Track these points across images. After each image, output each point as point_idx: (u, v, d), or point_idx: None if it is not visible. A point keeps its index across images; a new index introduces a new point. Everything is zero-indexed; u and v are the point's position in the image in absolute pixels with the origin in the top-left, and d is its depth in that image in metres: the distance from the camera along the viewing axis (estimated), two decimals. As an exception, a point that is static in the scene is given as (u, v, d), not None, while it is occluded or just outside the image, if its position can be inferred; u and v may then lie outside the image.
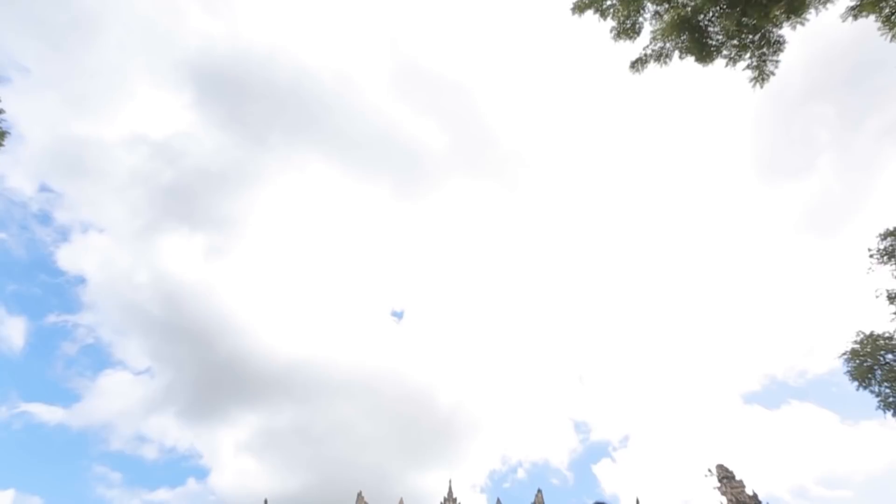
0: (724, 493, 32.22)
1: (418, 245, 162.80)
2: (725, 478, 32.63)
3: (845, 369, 16.73)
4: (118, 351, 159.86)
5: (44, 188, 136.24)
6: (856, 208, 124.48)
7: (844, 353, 16.95)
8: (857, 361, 16.40)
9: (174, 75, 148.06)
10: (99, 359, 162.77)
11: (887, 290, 14.93)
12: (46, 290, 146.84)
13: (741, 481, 32.51)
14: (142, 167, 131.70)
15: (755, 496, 31.43)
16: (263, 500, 39.80)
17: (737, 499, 31.00)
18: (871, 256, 15.12)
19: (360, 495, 44.23)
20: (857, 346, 16.45)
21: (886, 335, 15.52)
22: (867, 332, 15.78)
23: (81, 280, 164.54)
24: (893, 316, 14.76)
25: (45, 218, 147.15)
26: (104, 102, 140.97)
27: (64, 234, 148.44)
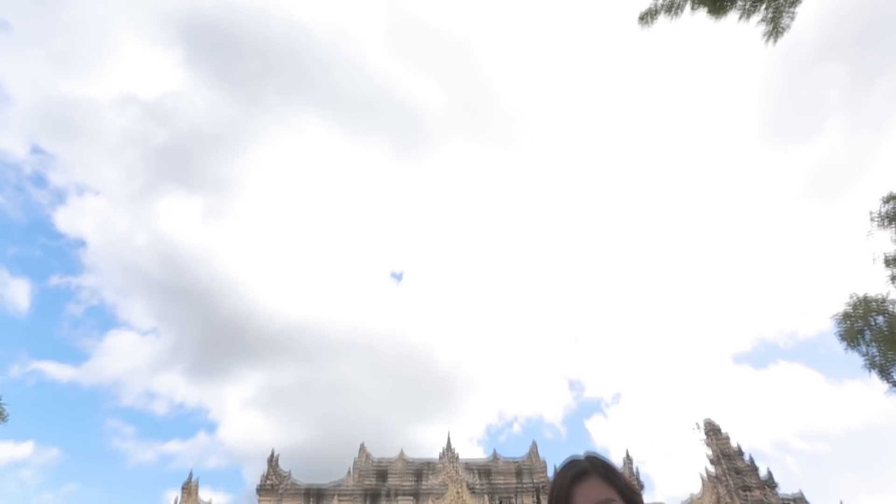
0: (709, 446, 33.84)
1: (417, 207, 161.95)
2: (712, 431, 34.15)
3: (836, 331, 16.99)
4: (123, 312, 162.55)
5: (36, 150, 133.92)
6: (861, 172, 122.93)
7: (836, 315, 17.16)
8: (849, 323, 16.65)
9: (162, 30, 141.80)
10: (104, 319, 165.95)
11: (885, 254, 14.98)
12: (47, 252, 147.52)
13: (727, 435, 34.06)
14: (133, 128, 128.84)
15: (739, 448, 33.04)
16: (271, 450, 41.65)
17: (721, 451, 32.59)
18: (872, 220, 15.07)
19: (362, 447, 46.28)
20: (850, 308, 16.65)
21: (879, 298, 15.69)
22: (860, 295, 15.94)
23: (81, 243, 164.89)
24: (889, 279, 14.90)
25: (39, 180, 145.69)
26: (90, 60, 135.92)
27: (60, 197, 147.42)
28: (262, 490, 38.18)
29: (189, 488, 33.71)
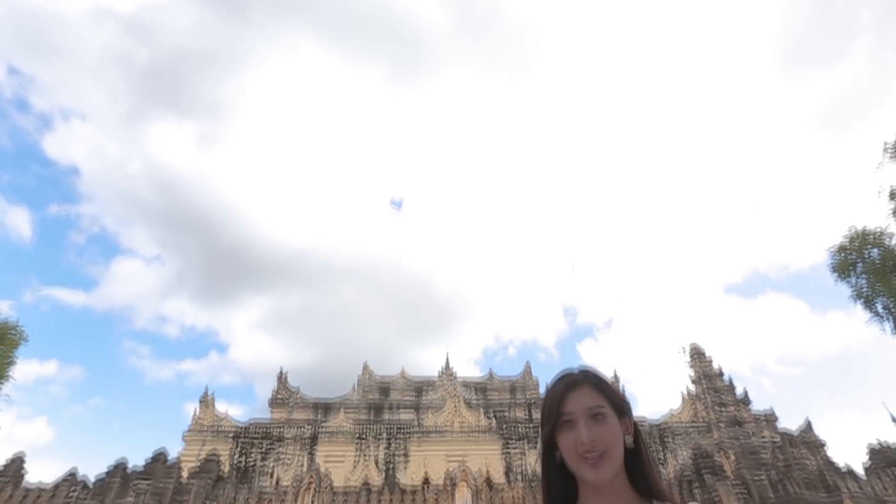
0: (692, 368, 35.92)
1: (417, 134, 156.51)
2: (697, 355, 36.06)
3: (829, 263, 17.14)
4: (125, 240, 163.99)
5: (12, 71, 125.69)
6: (879, 102, 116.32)
7: (832, 248, 17.21)
8: (843, 256, 16.76)
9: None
10: (108, 247, 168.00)
11: (891, 187, 14.68)
12: (41, 180, 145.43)
13: (710, 358, 36.00)
14: (113, 46, 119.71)
15: (720, 370, 35.10)
16: (280, 368, 44.18)
17: (703, 372, 34.66)
18: (885, 151, 14.58)
19: (365, 365, 49.05)
20: (847, 240, 16.66)
21: (877, 231, 15.63)
22: (859, 229, 15.87)
23: (74, 171, 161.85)
24: (891, 212, 14.73)
25: (21, 104, 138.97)
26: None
27: (46, 122, 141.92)
28: (273, 403, 41.15)
29: (206, 401, 36.25)
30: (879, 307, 15.87)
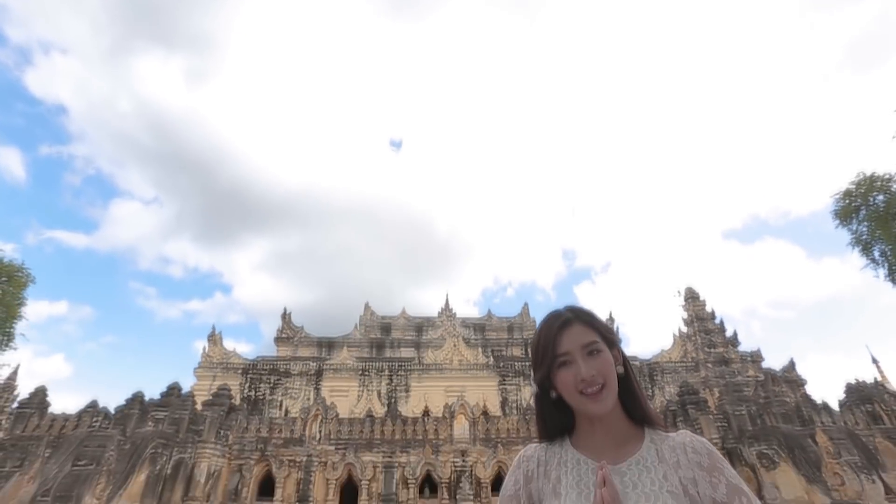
0: (686, 310, 36.90)
1: (416, 71, 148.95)
2: (691, 298, 36.89)
3: (832, 209, 17.03)
4: (122, 182, 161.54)
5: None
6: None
7: (837, 193, 17.01)
8: (847, 201, 16.59)
9: None
10: (104, 189, 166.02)
11: (906, 131, 14.19)
12: (29, 120, 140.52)
13: (703, 301, 36.87)
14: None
15: (712, 313, 36.09)
16: (283, 307, 45.38)
17: (696, 315, 35.65)
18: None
19: (367, 305, 50.32)
20: (853, 186, 16.43)
21: (886, 176, 15.35)
22: (868, 174, 15.56)
23: (62, 109, 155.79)
24: (902, 156, 14.39)
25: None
26: None
27: (26, 56, 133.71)
28: (278, 341, 42.76)
29: (214, 339, 37.63)
30: (876, 253, 15.97)
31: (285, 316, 44.61)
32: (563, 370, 1.03)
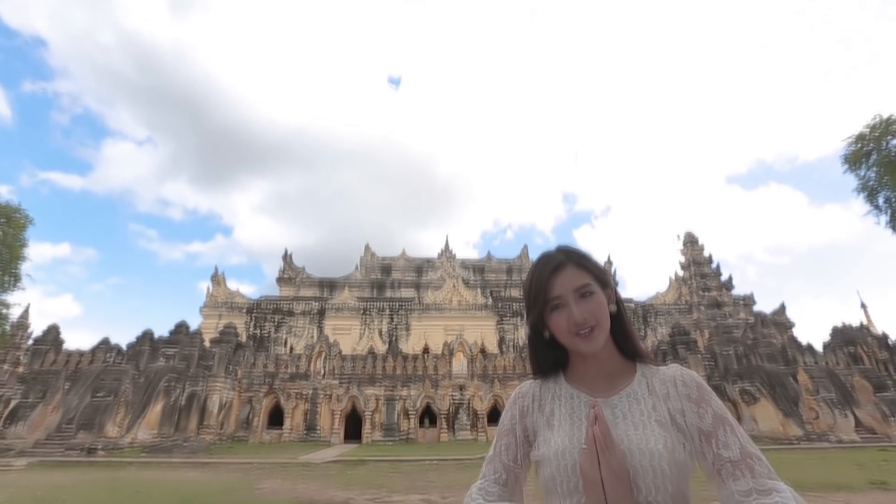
0: (684, 254, 37.20)
1: (413, 5, 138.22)
2: (690, 242, 37.03)
3: (842, 153, 16.55)
4: (112, 121, 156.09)
5: None
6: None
7: (849, 137, 16.40)
8: (859, 145, 16.06)
9: None
10: (95, 128, 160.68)
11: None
12: (7, 53, 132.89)
13: (702, 246, 37.04)
14: None
15: (709, 257, 36.40)
16: (284, 248, 45.72)
17: (694, 259, 35.99)
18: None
19: (367, 246, 50.65)
20: (867, 129, 15.80)
21: (904, 119, 14.66)
22: (884, 117, 14.89)
23: (41, 42, 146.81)
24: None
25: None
26: None
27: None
28: (280, 281, 43.54)
29: (217, 279, 38.27)
30: (881, 200, 15.73)
31: (286, 257, 45.08)
32: (555, 313, 1.04)
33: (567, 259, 1.07)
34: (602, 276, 1.07)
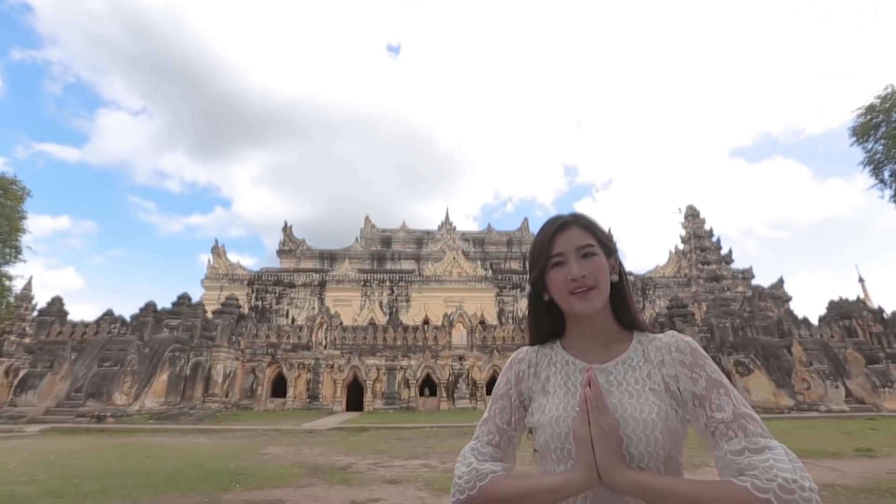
0: (685, 228, 37.10)
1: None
2: (691, 216, 36.87)
3: (850, 125, 16.23)
4: (105, 91, 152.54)
5: None
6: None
7: (859, 108, 16.03)
8: (868, 117, 15.74)
9: None
10: (88, 98, 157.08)
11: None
12: None
13: (703, 219, 36.89)
14: None
15: (710, 231, 36.32)
16: (284, 221, 45.61)
17: (695, 233, 35.92)
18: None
19: (367, 218, 50.50)
20: (878, 101, 15.45)
21: (918, 89, 14.34)
22: (896, 87, 14.48)
23: (27, 7, 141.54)
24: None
25: None
26: None
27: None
28: (281, 253, 43.64)
29: (218, 251, 38.36)
30: (886, 174, 15.55)
31: (286, 229, 45.01)
32: (555, 270, 1.04)
33: (574, 220, 1.08)
34: (607, 243, 1.07)
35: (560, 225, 1.07)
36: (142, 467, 7.95)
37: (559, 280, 1.03)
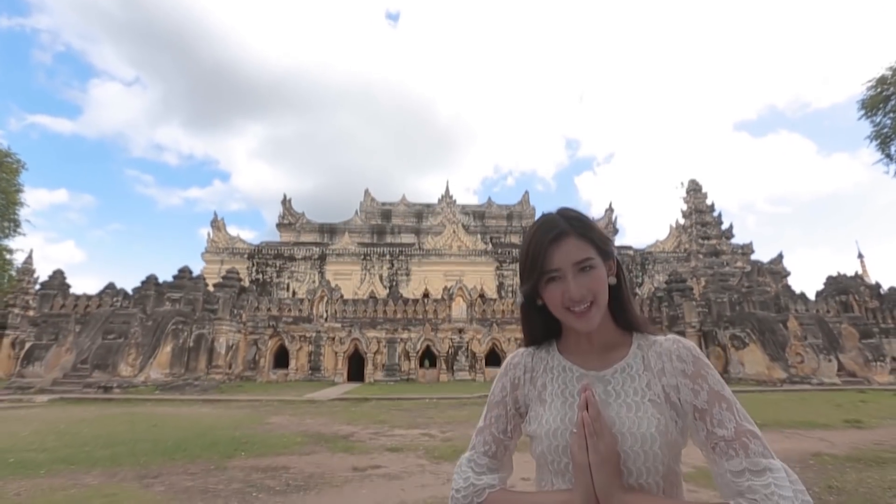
0: (687, 202, 36.87)
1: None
2: (693, 190, 36.58)
3: (861, 97, 15.92)
4: (97, 60, 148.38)
5: None
6: None
7: (870, 80, 15.70)
8: (879, 89, 15.40)
9: None
10: (79, 68, 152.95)
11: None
12: None
13: (705, 194, 36.62)
14: None
15: (712, 205, 36.11)
16: (283, 194, 45.29)
17: (696, 207, 35.71)
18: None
19: (367, 191, 50.15)
20: (889, 72, 15.08)
21: (929, 61, 13.94)
22: (909, 59, 14.04)
23: None
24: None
25: None
26: None
27: None
28: (280, 226, 43.55)
29: (217, 224, 38.25)
30: (893, 149, 15.36)
31: (286, 202, 44.75)
32: (551, 285, 0.98)
33: (570, 227, 1.00)
34: (605, 248, 1.01)
35: (556, 235, 0.99)
36: (149, 435, 8.17)
37: (556, 296, 0.98)
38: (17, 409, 12.52)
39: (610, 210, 45.88)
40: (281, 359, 24.79)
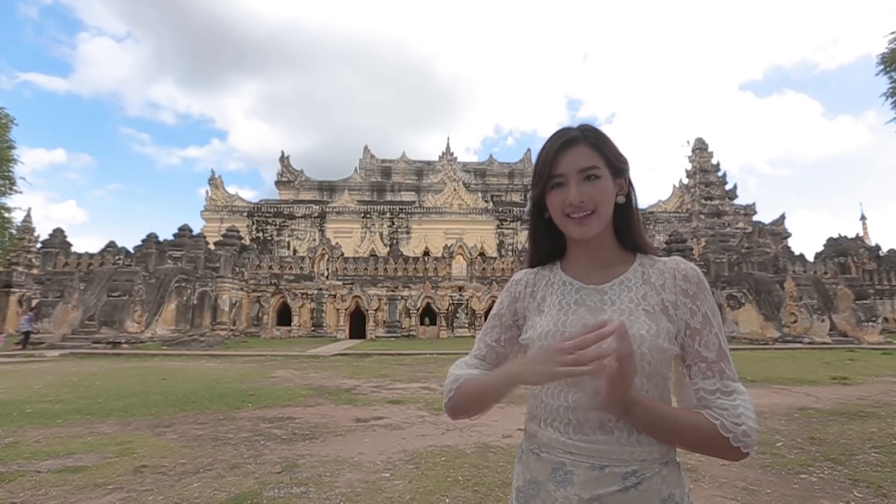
0: (692, 161, 36.26)
1: None
2: (699, 149, 35.86)
3: (882, 51, 15.31)
4: (86, 15, 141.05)
5: None
6: None
7: (892, 33, 15.04)
8: (901, 44, 14.69)
9: None
10: (67, 23, 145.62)
11: None
12: None
13: (711, 153, 35.93)
14: None
15: (717, 165, 35.53)
16: (281, 151, 44.44)
17: (701, 167, 35.15)
18: None
19: (366, 148, 49.22)
20: (912, 24, 14.24)
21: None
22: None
23: None
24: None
25: None
26: None
27: None
28: (279, 184, 43.07)
29: (215, 182, 37.83)
30: (910, 106, 14.90)
31: (284, 159, 44.02)
32: (554, 192, 0.99)
33: (582, 136, 0.99)
34: (617, 163, 1.00)
35: (565, 142, 0.99)
36: (159, 388, 8.47)
37: (557, 203, 0.98)
38: (30, 364, 12.92)
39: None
40: (284, 315, 25.27)
